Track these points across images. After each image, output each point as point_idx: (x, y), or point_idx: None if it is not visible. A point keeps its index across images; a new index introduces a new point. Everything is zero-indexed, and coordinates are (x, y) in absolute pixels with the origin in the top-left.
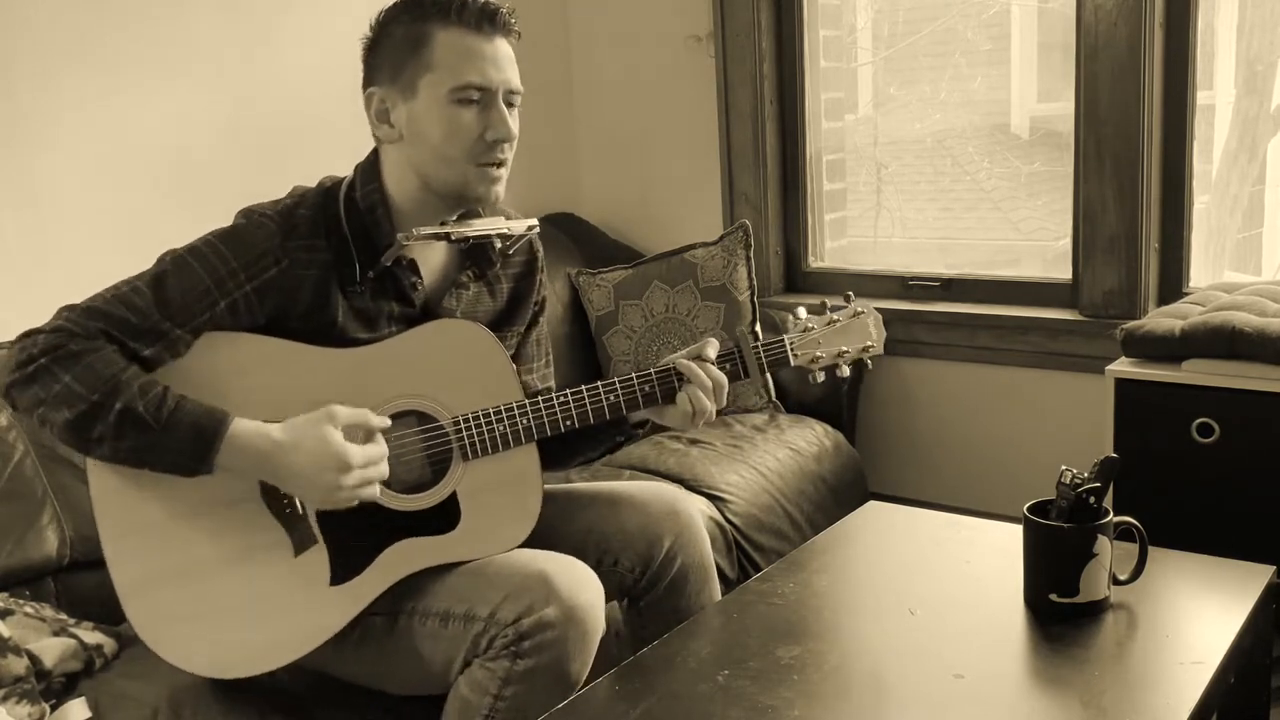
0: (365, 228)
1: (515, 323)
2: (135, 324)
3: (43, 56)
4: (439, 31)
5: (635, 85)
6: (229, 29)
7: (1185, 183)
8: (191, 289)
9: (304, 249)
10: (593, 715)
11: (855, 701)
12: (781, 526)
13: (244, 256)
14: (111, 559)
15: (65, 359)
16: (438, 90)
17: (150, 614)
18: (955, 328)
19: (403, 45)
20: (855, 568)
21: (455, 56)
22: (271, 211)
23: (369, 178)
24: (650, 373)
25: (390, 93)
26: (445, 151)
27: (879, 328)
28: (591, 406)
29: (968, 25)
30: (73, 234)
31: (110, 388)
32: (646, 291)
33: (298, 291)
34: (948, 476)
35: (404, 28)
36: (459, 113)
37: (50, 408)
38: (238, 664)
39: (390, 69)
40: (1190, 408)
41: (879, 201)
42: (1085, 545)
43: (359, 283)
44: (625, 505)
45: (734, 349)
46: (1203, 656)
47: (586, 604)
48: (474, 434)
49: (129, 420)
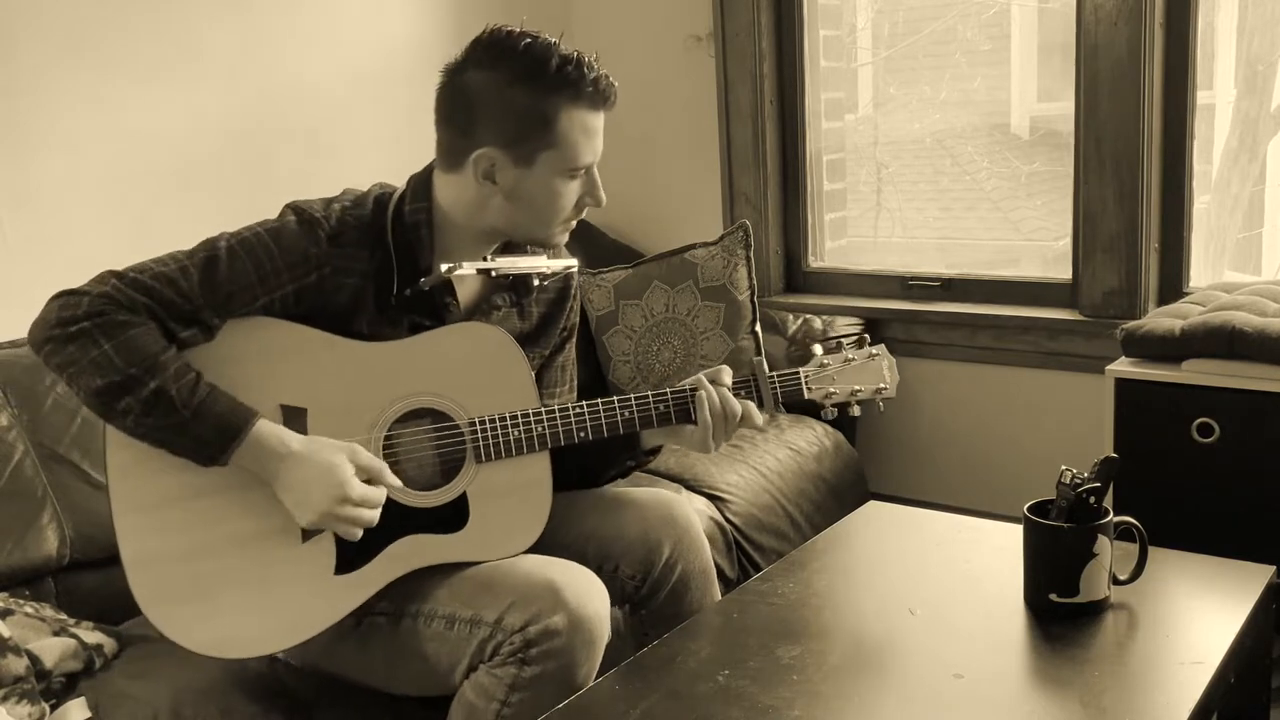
0: (409, 244)
1: (540, 345)
2: (178, 305)
3: (44, 56)
4: (567, 109)
5: (635, 85)
6: (231, 29)
7: (1185, 183)
8: (237, 281)
9: (348, 257)
10: (593, 715)
11: (855, 701)
12: (781, 526)
13: (290, 257)
14: (121, 531)
15: (109, 327)
16: (557, 167)
17: (155, 589)
18: (955, 328)
19: (524, 116)
20: (855, 568)
21: (578, 137)
22: (322, 214)
23: (420, 195)
24: (666, 392)
25: (502, 157)
26: (545, 217)
27: (893, 371)
28: (606, 420)
29: (968, 25)
30: (73, 234)
31: (148, 365)
32: (646, 291)
33: (334, 296)
34: (948, 476)
35: (528, 98)
36: (568, 186)
37: (83, 371)
38: (235, 645)
39: (507, 136)
40: (1190, 408)
41: (879, 201)
42: (1085, 545)
43: (394, 297)
44: (625, 511)
45: (749, 378)
46: (1203, 656)
47: (594, 613)
48: (489, 437)
49: (160, 401)
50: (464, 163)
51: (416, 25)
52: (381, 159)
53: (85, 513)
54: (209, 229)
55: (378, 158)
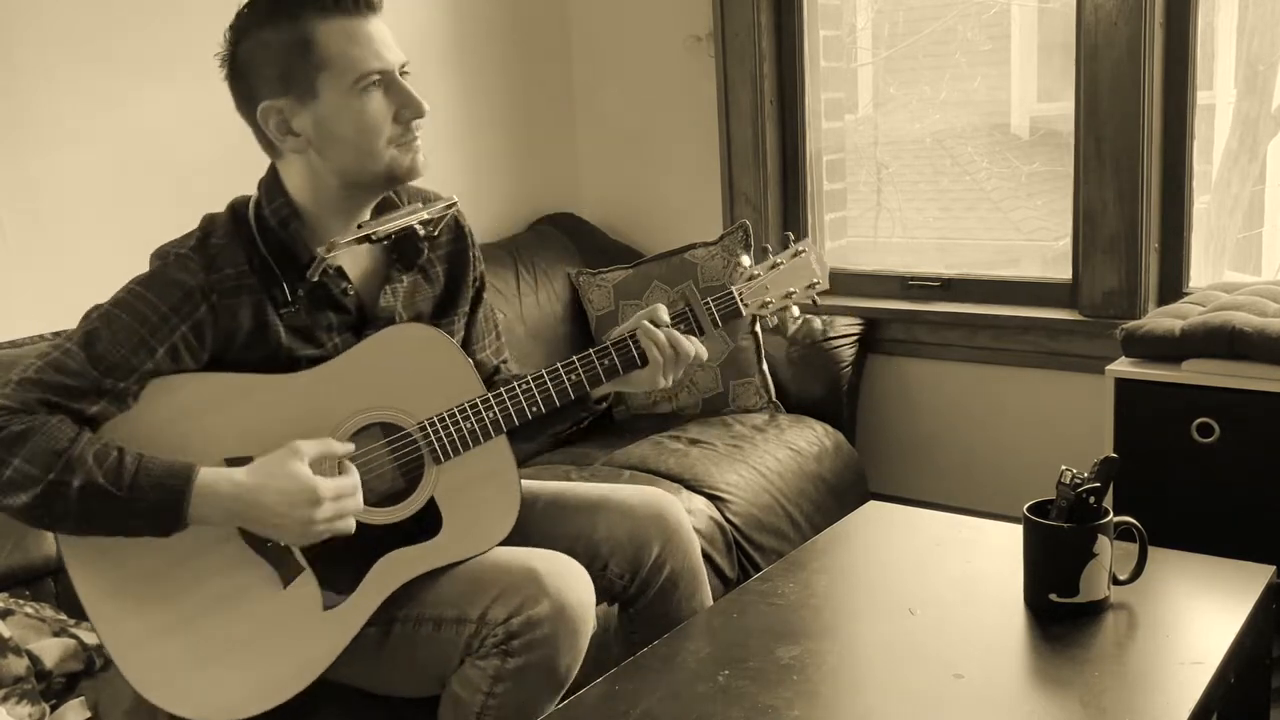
0: (283, 244)
1: (459, 304)
2: (74, 386)
3: (44, 55)
4: (320, 26)
5: (635, 85)
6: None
7: (1185, 183)
8: (124, 341)
9: (229, 279)
10: (593, 715)
11: (855, 701)
12: (781, 526)
13: (170, 299)
14: (98, 622)
15: (9, 441)
16: (340, 85)
17: (148, 670)
18: (955, 328)
19: (284, 51)
20: (855, 568)
21: (345, 47)
22: (186, 248)
23: (274, 193)
24: (607, 345)
25: (286, 103)
26: (364, 144)
27: (821, 264)
28: (555, 389)
29: (968, 25)
30: (73, 234)
31: (64, 464)
32: (646, 291)
33: (233, 322)
34: (948, 476)
35: (278, 33)
36: (367, 102)
37: (3, 493)
38: (244, 704)
39: (277, 79)
40: (1190, 408)
41: (879, 201)
42: (1085, 545)
43: (291, 302)
44: (613, 510)
45: (685, 309)
46: (1203, 656)
47: (576, 601)
48: (442, 436)
49: (91, 494)
50: (268, 136)
51: (416, 23)
52: None
53: None
54: None
55: None
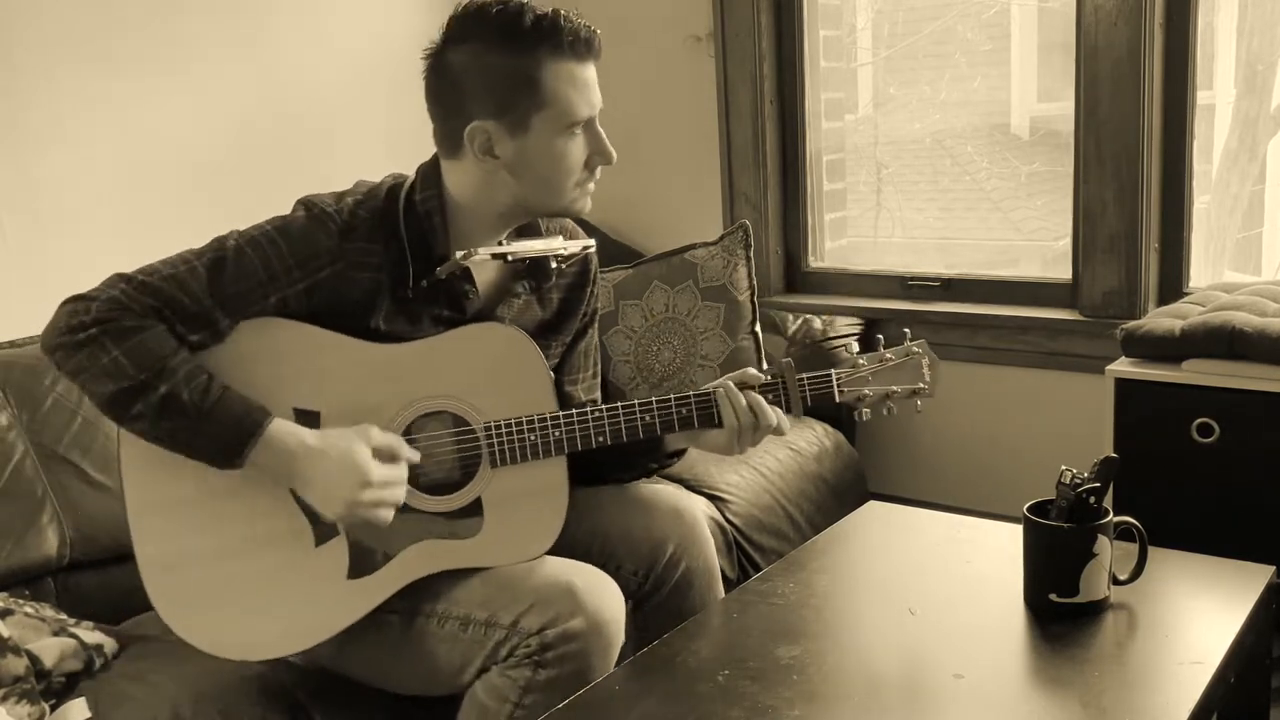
0: (423, 234)
1: (562, 332)
2: (187, 307)
3: (45, 55)
4: (549, 66)
5: (635, 85)
6: (234, 26)
7: (1185, 183)
8: (246, 280)
9: (361, 251)
10: (593, 715)
11: (855, 701)
12: (781, 526)
13: (301, 254)
14: (137, 533)
15: (117, 333)
16: (553, 127)
17: (172, 593)
18: (955, 328)
19: (507, 79)
20: (855, 568)
21: (567, 90)
22: (334, 208)
23: (429, 183)
24: (689, 395)
25: (495, 127)
26: (555, 181)
27: (933, 369)
28: (625, 424)
29: (968, 25)
30: (74, 234)
31: (159, 369)
32: (646, 291)
33: (349, 291)
34: (948, 476)
35: (505, 59)
36: (570, 145)
37: (94, 378)
38: (245, 648)
39: (493, 104)
40: (1190, 408)
41: (879, 201)
42: (1085, 545)
43: (410, 289)
44: (630, 508)
45: (778, 381)
46: (1203, 656)
47: (611, 618)
48: (504, 441)
49: (173, 405)
50: (461, 144)
51: (423, 19)
52: (390, 154)
53: (85, 513)
54: (212, 228)
55: (386, 153)
